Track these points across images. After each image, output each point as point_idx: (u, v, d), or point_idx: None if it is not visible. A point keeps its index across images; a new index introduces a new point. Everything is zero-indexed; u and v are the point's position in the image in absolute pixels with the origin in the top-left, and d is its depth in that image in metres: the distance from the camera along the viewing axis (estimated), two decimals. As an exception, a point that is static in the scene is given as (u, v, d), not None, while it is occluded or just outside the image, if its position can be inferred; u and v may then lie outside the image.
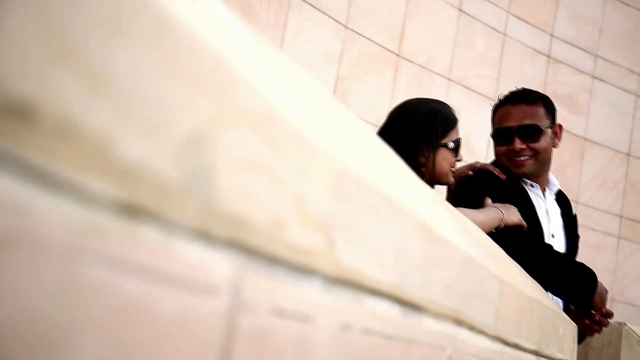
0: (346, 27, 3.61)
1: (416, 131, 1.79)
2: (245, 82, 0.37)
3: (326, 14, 3.51)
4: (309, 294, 0.46)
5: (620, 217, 4.71)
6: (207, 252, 0.35)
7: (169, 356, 0.34)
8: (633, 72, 4.80)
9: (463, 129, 3.82)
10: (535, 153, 2.01)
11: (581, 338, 2.14)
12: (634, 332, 2.51)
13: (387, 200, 0.56)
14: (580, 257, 4.39)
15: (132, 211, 0.29)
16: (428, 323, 0.67)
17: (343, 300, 0.50)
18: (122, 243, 0.29)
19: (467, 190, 1.96)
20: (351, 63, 3.65)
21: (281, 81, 0.52)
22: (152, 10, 0.29)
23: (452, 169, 1.84)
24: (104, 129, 0.27)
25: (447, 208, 0.95)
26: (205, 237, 0.35)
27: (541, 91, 4.25)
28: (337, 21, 3.56)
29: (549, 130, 2.04)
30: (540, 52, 4.48)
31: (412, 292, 0.62)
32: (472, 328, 0.79)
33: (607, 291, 1.99)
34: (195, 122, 0.33)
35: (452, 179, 1.85)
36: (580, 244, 4.49)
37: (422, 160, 1.79)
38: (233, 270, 0.37)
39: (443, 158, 1.80)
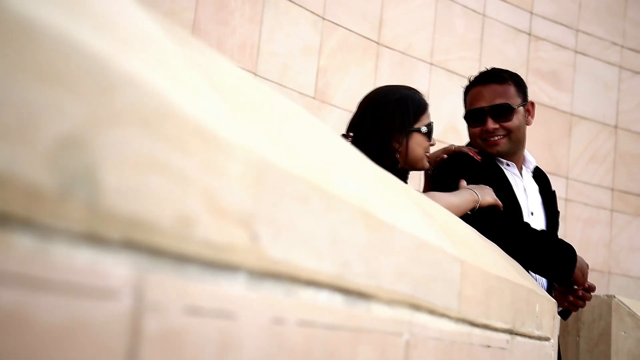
0: (324, 19, 3.59)
1: (388, 118, 1.78)
2: (133, 82, 0.37)
3: (302, 7, 3.50)
4: (230, 290, 0.45)
5: (612, 189, 4.71)
6: (99, 256, 0.35)
7: (66, 363, 0.33)
8: (615, 44, 4.79)
9: (448, 112, 3.82)
10: (509, 132, 2.01)
11: (567, 314, 2.14)
12: (623, 303, 2.52)
13: (319, 190, 0.56)
14: (574, 232, 4.41)
15: (-4, 220, 0.29)
16: (379, 310, 0.66)
17: (273, 294, 0.50)
18: (-14, 253, 0.28)
19: (443, 174, 1.96)
20: (331, 54, 3.63)
21: (197, 78, 0.51)
22: (3, 13, 0.29)
23: (427, 154, 1.83)
24: (-49, 138, 0.27)
25: (405, 193, 0.94)
26: (95, 240, 0.34)
27: (524, 69, 4.25)
28: (314, 13, 3.55)
29: (521, 109, 2.04)
30: (521, 31, 4.47)
31: (357, 281, 0.62)
32: (432, 312, 0.79)
33: (587, 265, 1.99)
34: (69, 124, 0.32)
35: (427, 164, 1.85)
36: (574, 219, 4.51)
37: (396, 146, 1.78)
38: (133, 272, 0.37)
39: (417, 143, 1.79)
